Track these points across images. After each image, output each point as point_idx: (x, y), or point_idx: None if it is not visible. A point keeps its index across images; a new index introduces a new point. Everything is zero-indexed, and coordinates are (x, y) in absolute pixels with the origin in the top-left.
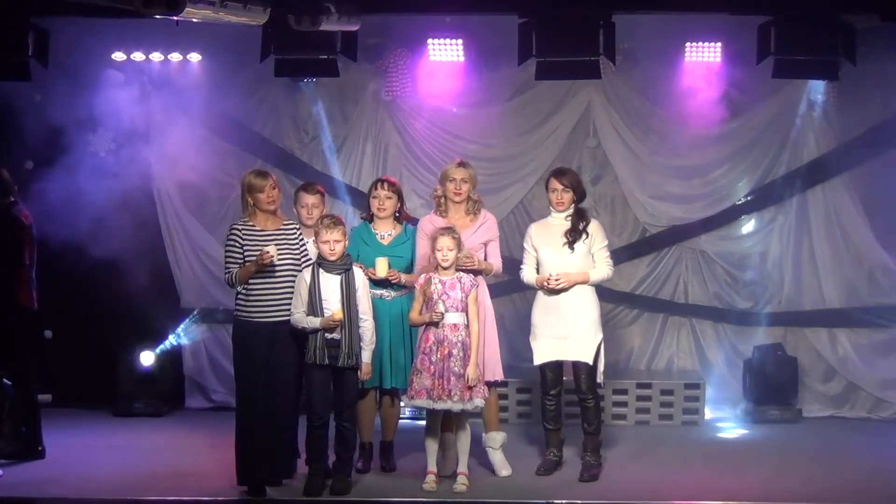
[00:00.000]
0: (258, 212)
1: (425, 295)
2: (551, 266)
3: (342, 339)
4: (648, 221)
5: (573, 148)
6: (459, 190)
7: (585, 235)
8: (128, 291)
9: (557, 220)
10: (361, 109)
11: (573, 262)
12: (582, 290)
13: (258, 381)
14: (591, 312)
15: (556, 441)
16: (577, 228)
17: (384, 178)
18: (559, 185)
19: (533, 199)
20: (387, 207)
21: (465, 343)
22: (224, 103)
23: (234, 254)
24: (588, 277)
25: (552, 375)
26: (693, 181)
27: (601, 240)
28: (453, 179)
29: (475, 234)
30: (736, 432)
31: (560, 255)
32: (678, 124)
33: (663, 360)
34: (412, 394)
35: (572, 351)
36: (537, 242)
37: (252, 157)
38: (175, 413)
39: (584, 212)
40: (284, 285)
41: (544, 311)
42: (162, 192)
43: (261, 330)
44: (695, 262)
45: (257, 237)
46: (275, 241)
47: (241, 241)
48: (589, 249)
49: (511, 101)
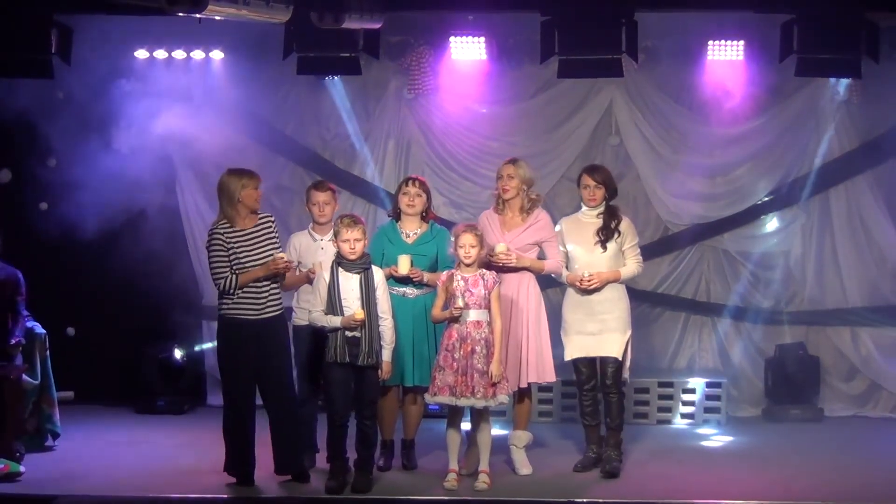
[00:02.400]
0: (240, 212)
1: (447, 292)
2: (582, 264)
3: (362, 337)
4: (670, 220)
5: (595, 146)
6: (506, 187)
7: (617, 234)
8: (150, 289)
9: (589, 216)
10: (383, 107)
11: (604, 260)
12: (613, 287)
13: (242, 378)
14: (622, 309)
15: (596, 437)
16: (609, 227)
17: (414, 175)
18: (592, 181)
19: (555, 196)
20: (416, 204)
21: (488, 340)
22: (246, 101)
23: (221, 259)
24: (619, 275)
25: (586, 371)
26: (715, 179)
27: (632, 237)
28: (500, 176)
29: (523, 233)
30: (757, 431)
31: (591, 254)
32: (700, 123)
33: (685, 358)
34: (435, 390)
35: (602, 346)
36: (568, 239)
37: (274, 154)
38: (196, 410)
39: (615, 209)
40: (269, 285)
41: (575, 307)
42: (185, 190)
43: (248, 327)
44: (717, 261)
45: (240, 237)
46: (257, 238)
47: (227, 245)
48: (620, 247)
49: (533, 99)
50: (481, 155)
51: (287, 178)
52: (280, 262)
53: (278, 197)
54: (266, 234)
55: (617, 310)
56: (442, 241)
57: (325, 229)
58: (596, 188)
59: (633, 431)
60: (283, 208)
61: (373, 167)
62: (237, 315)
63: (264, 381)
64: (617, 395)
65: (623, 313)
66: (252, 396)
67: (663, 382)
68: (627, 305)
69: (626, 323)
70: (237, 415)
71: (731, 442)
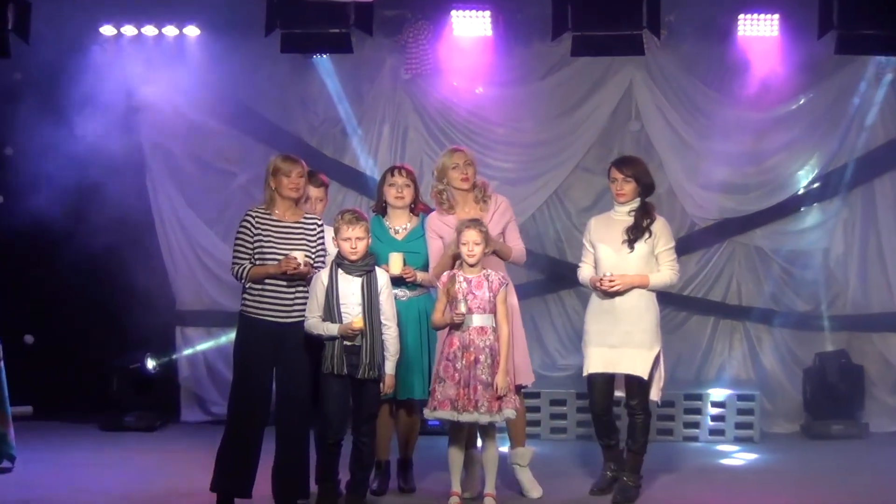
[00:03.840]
0: (279, 199)
1: (449, 294)
2: (608, 266)
3: (363, 347)
4: (697, 214)
5: (613, 132)
6: (466, 175)
7: (648, 234)
8: (118, 293)
9: (620, 214)
10: (378, 89)
11: (632, 263)
12: (640, 294)
13: (254, 385)
14: (649, 320)
15: (613, 456)
16: (640, 226)
17: (400, 165)
18: (619, 174)
19: (569, 188)
20: (405, 196)
21: (493, 348)
22: (225, 82)
23: (244, 244)
24: (647, 281)
25: (602, 390)
26: (747, 169)
27: (666, 240)
28: (456, 165)
29: (491, 222)
30: (794, 450)
31: (618, 255)
32: (730, 106)
33: (714, 368)
34: (434, 405)
35: (625, 362)
36: (595, 238)
37: (255, 142)
38: (169, 427)
39: (650, 207)
40: (298, 285)
41: (597, 316)
42: (156, 183)
43: (268, 330)
44: (749, 260)
45: (272, 227)
46: (292, 235)
47: (254, 231)
48: (652, 250)
49: (544, 81)
50: (486, 143)
51: None
52: (292, 261)
53: (260, 189)
54: (305, 237)
55: (643, 321)
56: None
57: None
58: (624, 182)
59: (656, 450)
60: None
61: (366, 156)
62: (256, 314)
63: (279, 394)
64: (642, 415)
65: (650, 326)
66: (262, 408)
67: (689, 395)
68: (657, 318)
69: (654, 337)
70: (242, 425)
71: (765, 461)
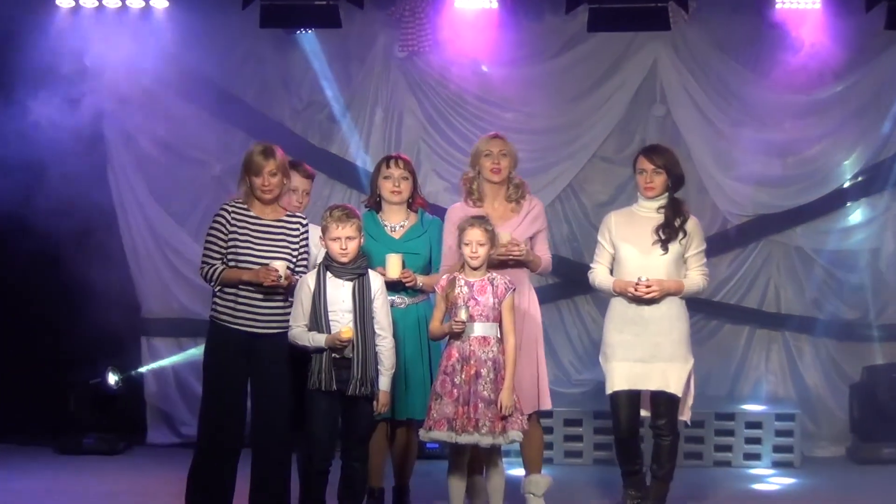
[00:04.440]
0: (252, 195)
1: (448, 300)
2: (633, 268)
3: (354, 360)
4: (730, 210)
5: (635, 117)
6: (498, 166)
7: (682, 234)
8: (74, 298)
9: (646, 210)
10: (369, 69)
11: (664, 266)
12: (671, 301)
13: (228, 403)
14: (681, 330)
15: (635, 482)
16: (673, 224)
17: (396, 154)
18: (649, 164)
19: (584, 181)
20: (403, 190)
21: (496, 361)
22: (197, 61)
23: (216, 242)
24: (682, 288)
25: (628, 408)
26: (786, 159)
27: (698, 242)
28: (489, 153)
29: (521, 225)
30: (840, 475)
31: (648, 257)
32: (767, 88)
33: (748, 384)
34: (430, 424)
35: (655, 378)
36: (618, 236)
37: (231, 127)
38: (134, 450)
39: (681, 204)
40: (275, 293)
41: (622, 326)
42: (119, 173)
43: (241, 341)
44: (788, 262)
45: (249, 225)
46: (271, 235)
47: (229, 228)
48: (683, 252)
49: (557, 59)
50: (491, 129)
51: None
52: (272, 273)
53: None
54: (287, 238)
55: (675, 331)
56: (436, 233)
57: None
58: (654, 173)
59: (683, 476)
60: None
61: (356, 144)
62: (227, 322)
63: (255, 412)
64: (670, 437)
65: (683, 336)
66: (236, 428)
67: (721, 414)
68: (687, 326)
69: (688, 349)
70: (214, 447)
71: (806, 489)
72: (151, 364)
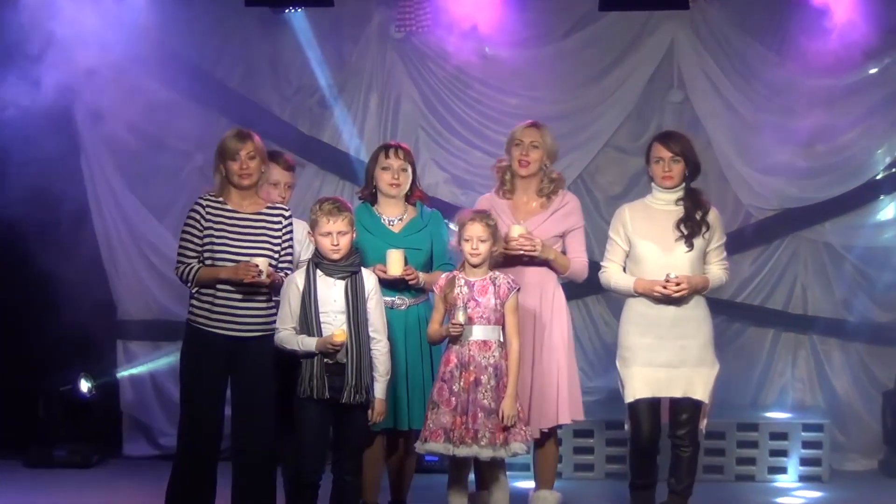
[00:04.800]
0: (227, 185)
1: (447, 301)
2: (658, 268)
3: (348, 365)
4: (753, 203)
5: (651, 103)
6: (527, 158)
7: (706, 227)
8: (45, 298)
9: (662, 202)
10: (363, 50)
11: (688, 263)
12: (696, 300)
13: (207, 411)
14: (707, 332)
15: (646, 497)
16: (694, 217)
17: (395, 143)
18: (666, 152)
19: (596, 172)
20: (402, 182)
21: (498, 367)
22: (177, 43)
23: (190, 239)
24: (709, 283)
25: (650, 417)
26: (814, 148)
27: (720, 234)
28: (519, 143)
29: (547, 221)
30: (872, 490)
31: (671, 253)
32: (794, 71)
33: (773, 391)
34: (426, 435)
35: (680, 384)
36: (635, 232)
37: (214, 114)
38: (109, 463)
39: (699, 194)
40: (260, 292)
41: (642, 328)
42: (93, 165)
43: (220, 345)
44: (816, 259)
45: (226, 219)
46: (250, 230)
47: (203, 223)
48: (705, 247)
49: (566, 40)
50: (496, 116)
51: None
52: (252, 269)
53: None
54: (267, 233)
55: (702, 333)
56: (436, 227)
57: None
58: (672, 161)
59: (703, 491)
60: None
61: (349, 131)
62: (205, 325)
63: (235, 421)
64: (690, 448)
65: (709, 338)
66: (216, 438)
67: (744, 425)
68: (712, 327)
69: (713, 352)
70: (193, 459)
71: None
72: (128, 370)
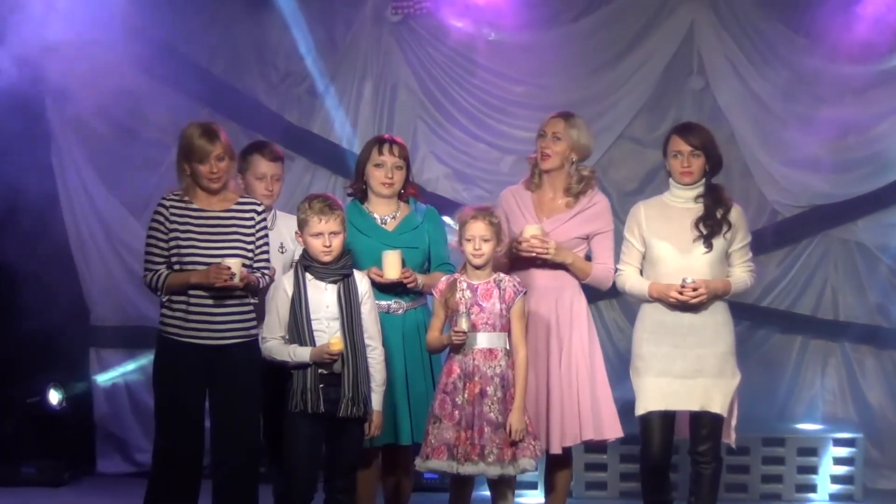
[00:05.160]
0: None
1: (447, 307)
2: (675, 270)
3: (344, 376)
4: (780, 200)
5: (669, 91)
6: (548, 150)
7: (727, 227)
8: (11, 302)
9: (681, 199)
10: (357, 34)
11: (708, 265)
12: (716, 306)
13: (184, 427)
14: (727, 341)
15: None
16: (714, 216)
17: (389, 137)
18: (686, 145)
19: (609, 166)
20: (396, 181)
21: (505, 377)
22: (155, 26)
23: (155, 244)
24: (730, 288)
25: (661, 432)
26: (847, 140)
27: (744, 234)
28: (542, 134)
29: (569, 222)
30: None
31: (689, 255)
32: (824, 56)
33: (802, 403)
34: (427, 451)
35: (697, 396)
36: (652, 232)
37: (196, 103)
38: (82, 481)
39: (721, 190)
40: (237, 296)
41: (657, 336)
42: (65, 160)
43: (196, 356)
44: (849, 261)
45: (192, 219)
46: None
47: (168, 226)
48: (728, 247)
49: (577, 23)
50: (501, 105)
51: None
52: (224, 272)
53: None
54: (239, 231)
55: (721, 342)
56: (433, 224)
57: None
58: (692, 156)
59: None
60: None
61: (341, 122)
62: (178, 336)
63: (215, 437)
64: (712, 465)
65: (730, 347)
66: (195, 461)
67: (770, 439)
68: (733, 335)
69: (734, 362)
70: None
71: None
72: (101, 380)
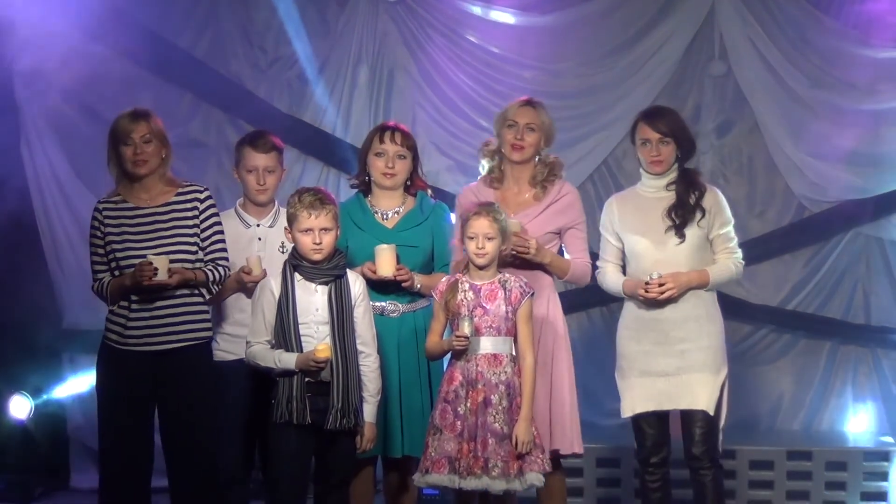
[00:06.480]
0: (127, 178)
1: (448, 309)
2: (649, 264)
3: (333, 384)
4: (807, 195)
5: (688, 77)
6: (521, 142)
7: (700, 213)
8: None
9: (653, 190)
10: (351, 16)
11: (684, 257)
12: (697, 298)
13: (126, 440)
14: (711, 333)
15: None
16: (687, 203)
17: (393, 124)
18: (653, 132)
19: (623, 158)
20: (398, 171)
21: (510, 385)
22: (132, 6)
23: (95, 251)
24: (708, 278)
25: (654, 433)
26: (879, 131)
27: (723, 218)
28: (513, 124)
29: (541, 216)
30: None
31: (663, 247)
32: (857, 42)
33: (830, 414)
34: (427, 465)
35: (682, 394)
36: (624, 226)
37: (178, 89)
38: (55, 496)
39: (693, 175)
40: (180, 298)
41: (637, 333)
42: (34, 147)
43: (140, 364)
44: (881, 260)
45: (126, 219)
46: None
47: (103, 230)
48: (706, 235)
49: (588, 4)
50: (508, 92)
51: (198, 126)
52: (146, 269)
53: (185, 156)
54: (178, 223)
55: (704, 335)
56: (438, 222)
57: (263, 211)
58: (661, 143)
59: None
60: (193, 174)
61: (334, 110)
62: (118, 343)
63: (166, 449)
64: (710, 469)
65: (714, 341)
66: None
67: (795, 452)
68: (721, 329)
69: (720, 356)
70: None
71: None
72: (75, 387)
